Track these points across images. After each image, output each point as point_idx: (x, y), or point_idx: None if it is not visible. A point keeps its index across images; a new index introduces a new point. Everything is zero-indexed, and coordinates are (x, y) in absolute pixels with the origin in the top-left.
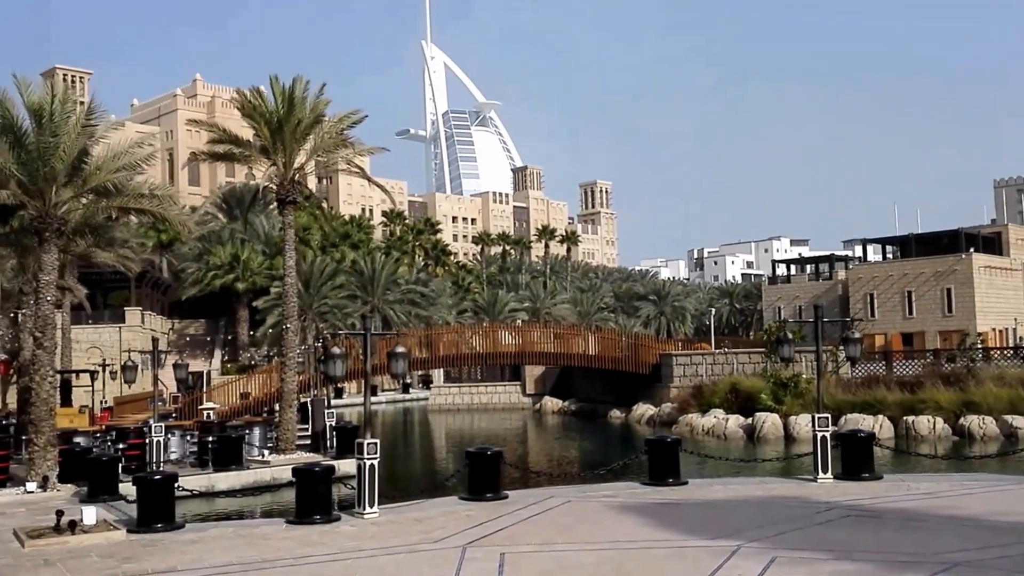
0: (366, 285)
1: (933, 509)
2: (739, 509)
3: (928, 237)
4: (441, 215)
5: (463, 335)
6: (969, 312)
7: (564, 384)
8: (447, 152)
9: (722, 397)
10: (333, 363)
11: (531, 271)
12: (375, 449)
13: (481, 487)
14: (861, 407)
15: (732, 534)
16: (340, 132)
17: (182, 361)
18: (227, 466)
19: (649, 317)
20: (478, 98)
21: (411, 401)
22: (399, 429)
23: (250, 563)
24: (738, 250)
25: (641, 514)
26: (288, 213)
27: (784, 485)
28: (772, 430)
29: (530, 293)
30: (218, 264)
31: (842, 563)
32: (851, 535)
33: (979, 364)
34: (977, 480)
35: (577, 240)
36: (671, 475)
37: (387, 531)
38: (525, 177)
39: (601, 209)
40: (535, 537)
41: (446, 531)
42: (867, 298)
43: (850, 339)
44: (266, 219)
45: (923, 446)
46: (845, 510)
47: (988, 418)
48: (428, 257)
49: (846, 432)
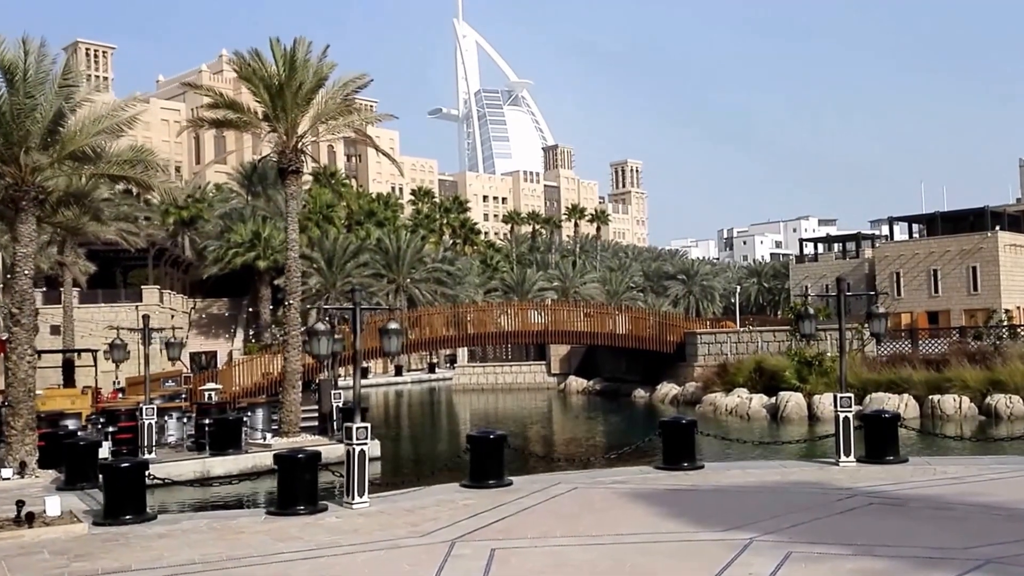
0: (391, 263)
1: (962, 496)
2: (755, 496)
3: (954, 215)
4: (471, 194)
5: (491, 313)
6: (994, 290)
7: (589, 363)
8: (479, 131)
9: (746, 376)
10: (317, 340)
11: (560, 250)
12: (365, 434)
13: (483, 473)
14: (886, 386)
15: (745, 525)
16: (345, 96)
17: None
18: (224, 450)
19: (678, 296)
20: (510, 77)
21: (437, 381)
22: (425, 409)
23: (213, 561)
24: (767, 230)
25: (651, 502)
26: (291, 183)
27: (804, 469)
28: (796, 410)
29: (559, 272)
30: (239, 242)
31: (863, 559)
32: (873, 526)
33: (1006, 342)
34: (1008, 464)
35: (607, 219)
36: (686, 459)
37: (373, 523)
38: (556, 156)
39: (632, 188)
40: (533, 529)
41: (438, 523)
42: (893, 276)
43: (874, 314)
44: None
45: (949, 425)
46: (867, 497)
47: (1016, 397)
48: (456, 236)
49: (870, 413)
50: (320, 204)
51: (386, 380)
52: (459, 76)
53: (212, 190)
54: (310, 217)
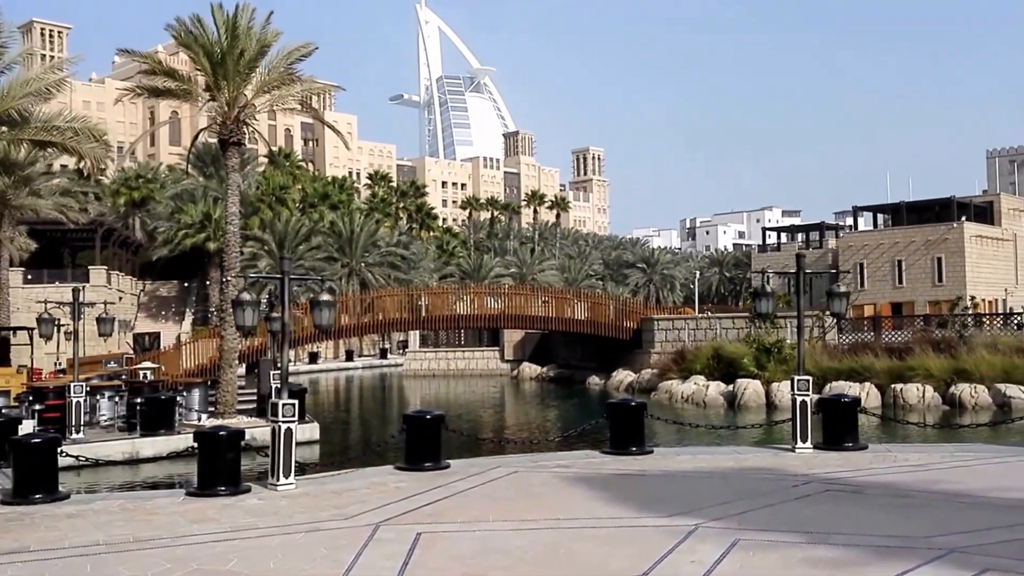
0: (344, 247)
1: (923, 483)
2: (704, 482)
3: (920, 205)
4: (430, 179)
5: (446, 297)
6: (960, 282)
7: (543, 350)
8: (440, 118)
9: (704, 363)
10: (242, 311)
11: (520, 237)
12: (291, 411)
13: (419, 455)
14: (847, 374)
15: (692, 511)
16: (289, 66)
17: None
18: (156, 430)
19: (638, 285)
20: (472, 64)
21: (389, 366)
22: (374, 394)
23: (118, 543)
24: (730, 220)
25: (593, 486)
26: (232, 155)
27: (758, 455)
28: (754, 397)
29: (517, 259)
30: (189, 223)
31: (816, 548)
32: (829, 513)
33: (971, 331)
34: (971, 452)
35: (567, 206)
36: (634, 443)
37: (296, 506)
38: (517, 143)
39: (593, 176)
40: (465, 513)
41: (365, 506)
42: (857, 267)
43: (835, 293)
44: (242, 177)
45: (912, 415)
46: (824, 484)
47: (980, 387)
48: (413, 220)
49: (829, 397)
50: (273, 185)
51: (336, 365)
52: (421, 62)
53: (165, 171)
54: (262, 199)
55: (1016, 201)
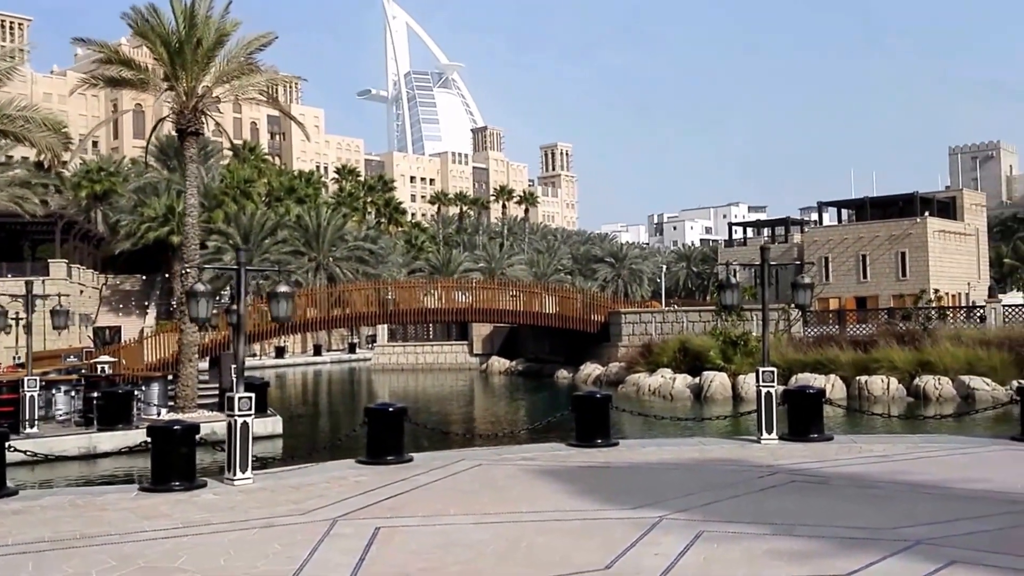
0: (311, 241)
1: (888, 474)
2: (669, 474)
3: (883, 201)
4: (398, 174)
5: (415, 291)
6: (923, 276)
7: (512, 344)
8: (409, 113)
9: (671, 356)
10: (196, 302)
11: (488, 232)
12: (248, 404)
13: (381, 449)
14: (813, 366)
15: (657, 503)
16: (249, 55)
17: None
18: (114, 425)
19: (606, 279)
20: (441, 59)
21: (357, 361)
22: (342, 388)
23: (63, 539)
24: (697, 215)
25: (558, 479)
26: (190, 145)
27: (723, 446)
28: (720, 390)
29: (486, 253)
30: (152, 216)
31: (781, 539)
32: (794, 504)
33: (935, 324)
34: (936, 443)
35: (535, 201)
36: (600, 435)
37: (253, 501)
38: (485, 138)
39: (562, 172)
40: (426, 507)
41: (323, 500)
42: (822, 261)
43: (800, 284)
44: (206, 170)
45: (877, 407)
46: (789, 475)
47: (944, 378)
48: (381, 215)
49: (794, 388)
50: (238, 179)
51: (304, 360)
52: (389, 57)
53: (128, 164)
54: (227, 192)
55: (978, 196)
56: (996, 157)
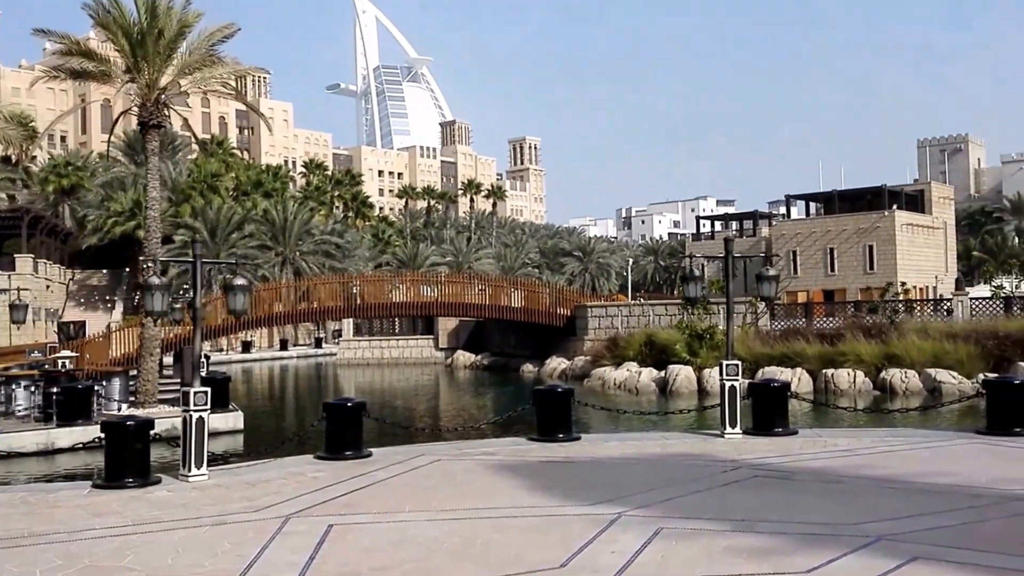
0: (277, 235)
1: (852, 469)
2: (631, 469)
3: (852, 194)
4: (367, 168)
5: (381, 285)
6: (891, 269)
7: (478, 338)
8: (378, 107)
9: (637, 350)
10: (151, 296)
11: (456, 226)
12: (203, 400)
13: (339, 444)
14: (779, 360)
15: (616, 499)
16: (211, 47)
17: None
18: (73, 421)
19: (574, 273)
20: (410, 53)
21: (323, 356)
22: (308, 383)
23: (12, 537)
24: (665, 209)
25: (517, 474)
26: (152, 138)
27: (686, 441)
28: (685, 383)
29: (453, 247)
30: (119, 211)
31: (741, 536)
32: (755, 500)
33: (902, 316)
34: (901, 436)
35: (503, 195)
36: (562, 429)
37: (207, 497)
38: (454, 132)
39: (530, 165)
40: (382, 503)
41: (279, 496)
42: (790, 255)
43: (765, 276)
44: (173, 165)
45: (843, 400)
46: (752, 470)
47: (911, 372)
48: (348, 209)
49: (758, 382)
50: (205, 173)
51: (270, 355)
52: (358, 51)
53: (96, 159)
54: (194, 186)
55: (946, 189)
56: (964, 150)
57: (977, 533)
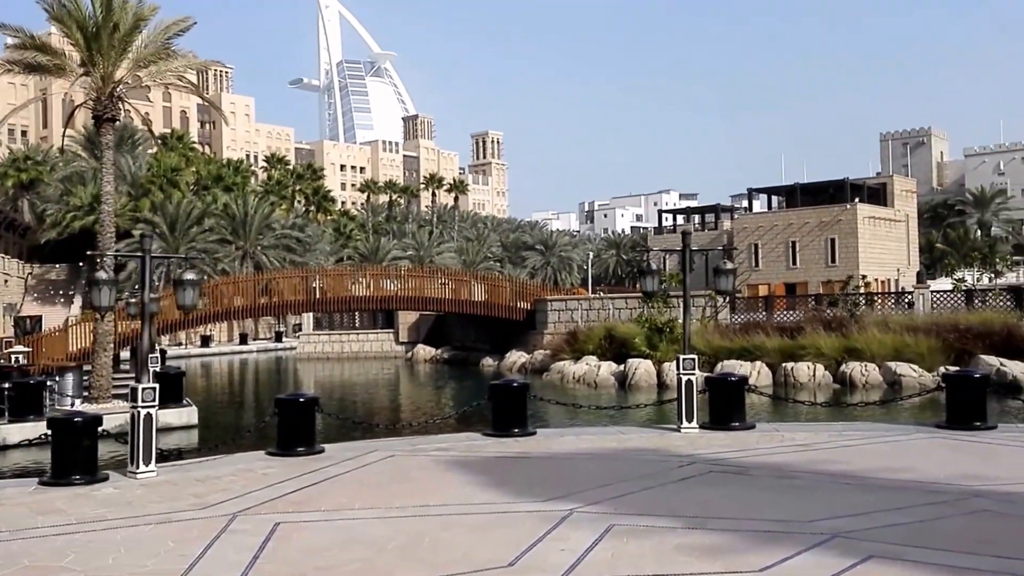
0: (238, 229)
1: (809, 464)
2: (585, 464)
3: (814, 187)
4: (329, 163)
5: (343, 279)
6: (853, 262)
7: (438, 332)
8: (341, 102)
9: (596, 343)
10: (99, 290)
11: (418, 220)
12: (152, 395)
13: (292, 440)
14: (739, 353)
15: (569, 495)
16: (167, 40)
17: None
18: (24, 416)
19: (536, 267)
20: (373, 48)
21: (284, 350)
22: (267, 378)
23: None
24: (628, 203)
25: (470, 470)
26: (107, 132)
27: (643, 435)
28: (645, 377)
29: (415, 242)
30: (79, 205)
31: (693, 534)
32: (710, 496)
33: (862, 310)
34: (859, 430)
35: (466, 189)
36: (517, 425)
37: (154, 495)
38: (416, 126)
39: (492, 160)
40: (331, 501)
41: (227, 494)
42: (752, 248)
43: (722, 270)
44: (133, 159)
45: (803, 394)
46: (707, 465)
47: (871, 365)
48: (310, 203)
49: (715, 376)
50: (165, 167)
51: (230, 349)
52: (321, 46)
53: (56, 153)
54: (153, 180)
55: (908, 183)
56: (927, 143)
57: (934, 531)
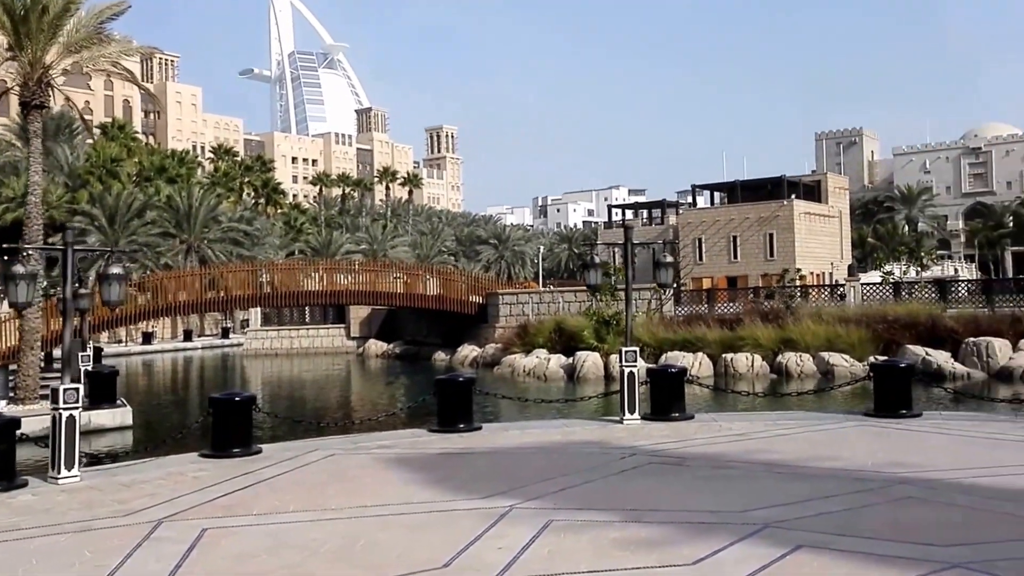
0: (181, 222)
1: (745, 453)
2: (528, 459)
3: (753, 184)
4: (280, 155)
5: (294, 274)
6: (790, 256)
7: (390, 326)
8: (293, 94)
9: (546, 336)
10: (14, 286)
11: (372, 214)
12: (75, 396)
13: (227, 441)
14: (682, 345)
15: (510, 490)
16: (99, 24)
17: None
18: None
19: (489, 261)
20: (326, 40)
21: (231, 346)
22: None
23: None
24: (580, 198)
25: (413, 468)
26: (35, 119)
27: (587, 428)
28: (592, 369)
29: (368, 235)
30: (11, 196)
31: (629, 527)
32: (648, 488)
33: (797, 302)
34: (794, 419)
35: (419, 182)
36: (463, 420)
37: (74, 501)
38: (370, 119)
39: (447, 154)
40: (265, 504)
41: (154, 499)
42: (696, 242)
43: (661, 263)
44: (71, 149)
45: (742, 384)
46: (647, 456)
47: (806, 355)
48: (259, 196)
49: (656, 368)
50: (104, 157)
51: (173, 346)
52: (272, 37)
53: None
54: (92, 171)
55: (841, 180)
56: (859, 143)
57: (861, 519)
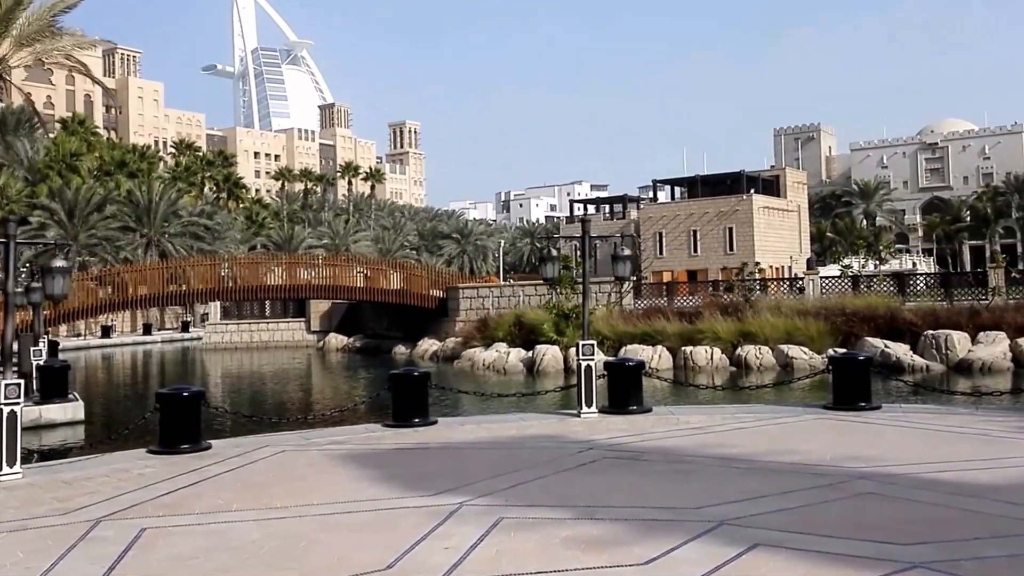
0: (142, 216)
1: (702, 447)
2: (483, 453)
3: (713, 179)
4: (242, 150)
5: (256, 268)
6: (749, 250)
7: (351, 320)
8: (256, 90)
9: (506, 330)
10: None
11: (335, 209)
12: (16, 392)
13: (175, 437)
14: (641, 338)
15: (461, 487)
16: (53, 18)
17: None
18: None
19: (452, 255)
20: (289, 36)
21: (191, 340)
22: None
23: None
24: (542, 193)
25: (364, 464)
26: None
27: (544, 422)
28: (552, 363)
29: (330, 230)
30: None
31: (581, 525)
32: (602, 484)
33: (756, 295)
34: (751, 412)
35: (382, 178)
36: (419, 414)
37: (12, 500)
38: (333, 115)
39: (410, 149)
40: (207, 502)
41: (94, 497)
42: (656, 236)
43: (618, 257)
44: (30, 143)
45: (701, 377)
46: (603, 451)
47: (764, 348)
48: (220, 191)
49: (613, 361)
50: (64, 152)
51: (132, 340)
52: (235, 33)
53: None
54: (51, 165)
55: (800, 175)
56: (817, 138)
57: (819, 515)
